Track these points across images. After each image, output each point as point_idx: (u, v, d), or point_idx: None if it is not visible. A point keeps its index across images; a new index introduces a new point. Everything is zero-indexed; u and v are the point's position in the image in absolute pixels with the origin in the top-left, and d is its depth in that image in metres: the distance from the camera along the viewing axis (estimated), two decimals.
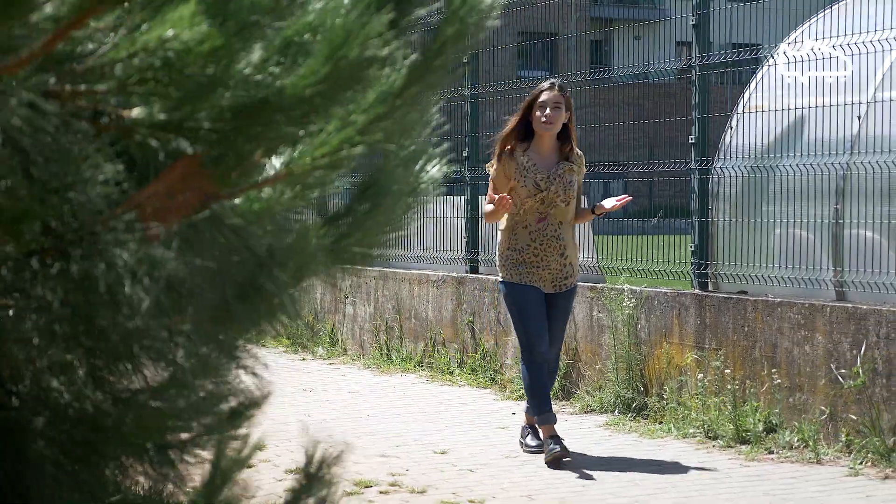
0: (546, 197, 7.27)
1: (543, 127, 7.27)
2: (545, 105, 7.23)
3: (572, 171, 7.35)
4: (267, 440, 6.99)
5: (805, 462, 7.19)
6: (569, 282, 7.39)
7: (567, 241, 7.35)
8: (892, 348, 7.06)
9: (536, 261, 7.29)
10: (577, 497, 6.49)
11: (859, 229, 7.70)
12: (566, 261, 7.33)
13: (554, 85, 7.29)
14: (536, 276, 7.30)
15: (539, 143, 7.36)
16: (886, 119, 7.62)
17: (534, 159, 7.33)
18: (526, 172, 7.28)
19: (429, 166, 2.68)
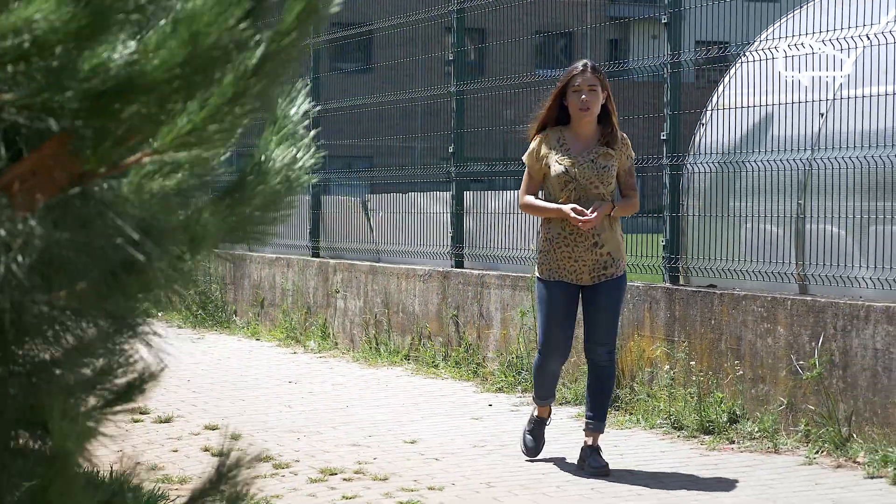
0: (575, 184, 6.86)
1: (582, 114, 6.88)
2: (580, 89, 6.86)
3: (609, 156, 6.91)
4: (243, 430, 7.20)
5: (764, 451, 7.35)
6: (609, 272, 6.87)
7: (602, 229, 6.85)
8: (848, 340, 7.21)
9: (568, 252, 6.85)
10: (535, 484, 6.66)
11: (821, 224, 7.85)
12: (602, 251, 6.84)
13: (587, 66, 6.89)
14: (569, 268, 6.87)
15: (577, 128, 6.96)
16: (849, 116, 7.75)
17: (569, 143, 6.94)
18: (557, 158, 6.90)
19: (301, 150, 2.86)
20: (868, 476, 6.68)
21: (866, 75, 7.75)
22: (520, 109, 10.28)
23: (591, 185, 6.86)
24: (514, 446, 7.63)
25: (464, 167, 11.14)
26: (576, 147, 6.93)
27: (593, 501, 6.29)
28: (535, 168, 6.98)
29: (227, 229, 2.75)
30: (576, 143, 6.94)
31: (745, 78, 8.58)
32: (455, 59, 11.08)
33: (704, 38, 8.88)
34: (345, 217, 13.26)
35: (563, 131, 6.98)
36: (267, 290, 13.99)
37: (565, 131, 6.98)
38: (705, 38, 8.85)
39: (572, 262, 6.86)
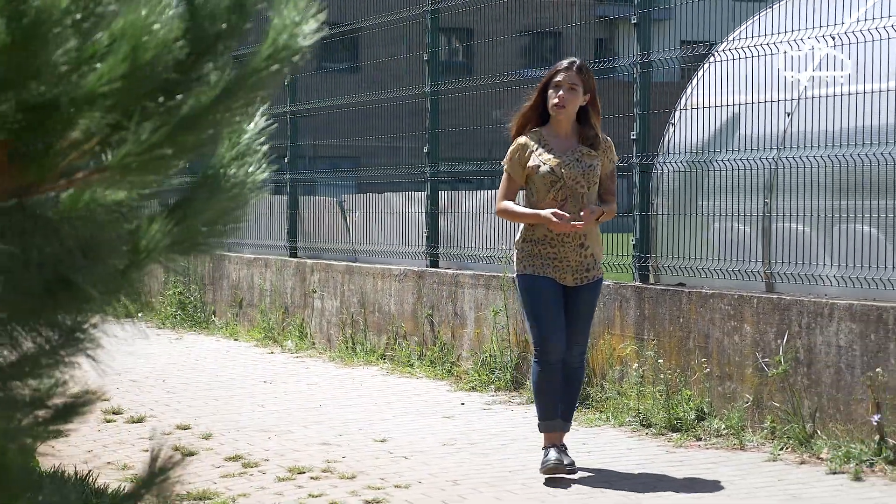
0: (562, 184, 6.73)
1: (554, 110, 6.76)
2: (559, 86, 6.73)
3: (592, 156, 6.79)
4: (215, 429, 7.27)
5: (729, 448, 7.41)
6: (590, 274, 6.81)
7: (588, 231, 6.76)
8: (812, 337, 7.27)
9: (554, 252, 6.73)
10: (501, 481, 6.71)
11: (788, 222, 7.92)
12: (587, 252, 6.77)
13: (573, 65, 6.74)
14: (554, 268, 6.74)
15: (555, 128, 6.84)
16: (814, 115, 7.82)
17: (550, 143, 6.81)
18: (542, 159, 6.76)
19: (254, 166, 2.92)
20: (830, 472, 6.74)
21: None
22: (506, 109, 10.30)
23: (577, 185, 6.73)
24: (483, 444, 7.69)
25: (438, 167, 11.18)
26: (558, 147, 6.79)
27: (557, 499, 6.34)
28: (517, 172, 6.83)
29: (173, 242, 2.79)
30: (557, 143, 6.81)
31: (713, 78, 8.64)
32: (430, 60, 11.13)
33: (691, 37, 8.93)
34: (322, 217, 13.30)
35: (541, 132, 6.85)
36: (245, 290, 14.03)
37: (544, 131, 6.86)
38: (692, 38, 8.90)
39: (556, 263, 6.75)
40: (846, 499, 6.20)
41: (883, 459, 6.74)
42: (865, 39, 7.48)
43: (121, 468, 7.23)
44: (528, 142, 6.84)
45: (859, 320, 7.00)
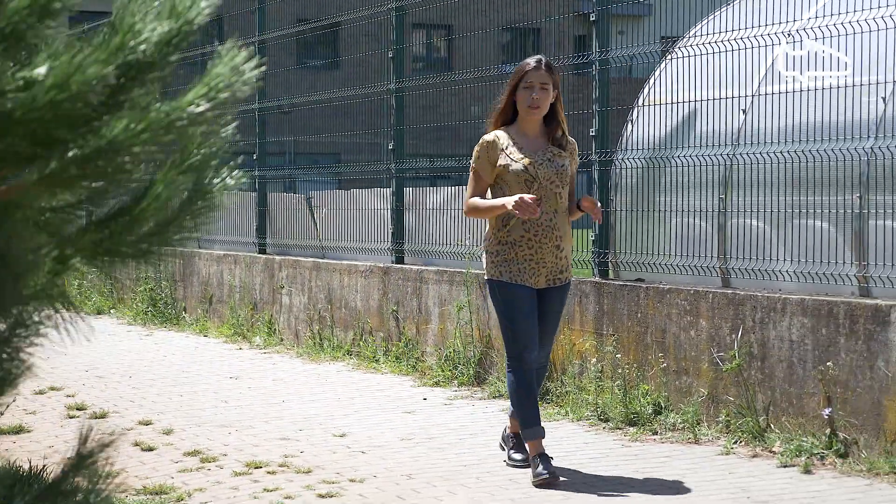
0: (538, 184, 6.62)
1: (530, 111, 6.66)
2: (532, 86, 6.63)
3: (562, 156, 6.71)
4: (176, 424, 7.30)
5: (684, 442, 7.48)
6: (563, 276, 6.72)
7: (563, 231, 6.70)
8: (766, 332, 7.35)
9: (531, 254, 6.61)
10: (455, 475, 6.77)
11: (744, 218, 7.99)
12: (562, 253, 6.67)
13: (541, 62, 6.66)
14: (530, 271, 6.62)
15: (524, 126, 6.73)
16: (769, 112, 7.89)
17: (520, 142, 6.69)
18: (514, 157, 6.64)
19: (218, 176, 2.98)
20: (781, 465, 6.82)
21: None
22: (485, 105, 10.30)
23: (552, 184, 6.64)
24: (441, 439, 7.75)
25: (403, 164, 11.23)
26: (528, 146, 6.69)
27: (509, 491, 6.40)
28: (485, 170, 6.67)
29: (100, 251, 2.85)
30: (526, 142, 6.70)
31: (672, 74, 8.71)
32: (395, 57, 11.18)
33: (670, 32, 8.98)
34: (290, 214, 13.34)
35: (509, 130, 6.74)
36: (215, 286, 14.06)
37: (511, 130, 6.75)
38: (673, 33, 8.95)
39: (532, 265, 6.62)
40: (794, 492, 6.27)
41: (833, 453, 6.82)
42: (818, 36, 7.55)
43: None
44: (497, 139, 6.70)
45: (811, 315, 7.08)
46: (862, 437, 6.76)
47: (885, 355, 6.65)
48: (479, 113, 10.19)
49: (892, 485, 6.33)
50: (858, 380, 6.80)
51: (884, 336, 6.66)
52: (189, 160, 2.86)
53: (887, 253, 7.02)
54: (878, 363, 6.68)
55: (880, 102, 7.19)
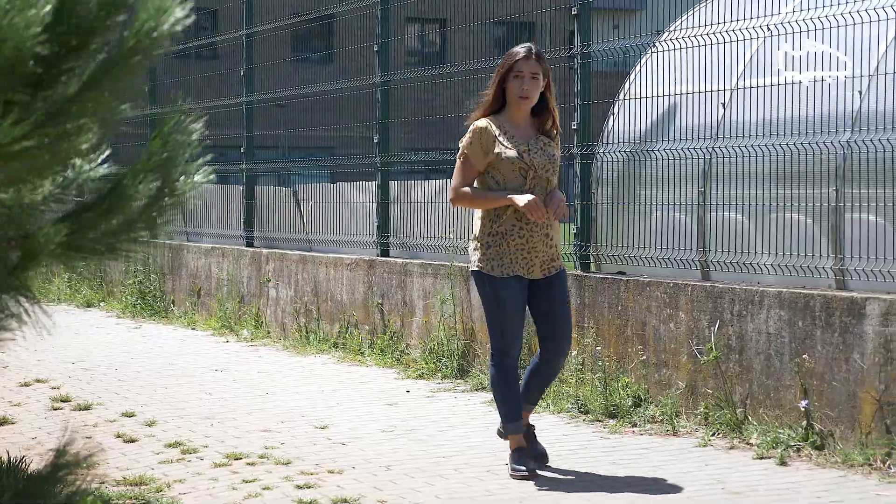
0: (533, 172, 6.54)
1: (521, 102, 6.58)
2: (522, 76, 6.54)
3: (552, 146, 6.66)
4: (159, 416, 7.34)
5: (663, 434, 7.52)
6: (556, 264, 6.64)
7: (552, 221, 6.64)
8: (744, 325, 7.39)
9: (522, 243, 6.52)
10: (434, 467, 6.81)
11: (724, 211, 8.03)
12: (552, 241, 6.60)
13: (531, 51, 6.55)
14: (522, 261, 6.53)
15: (513, 116, 6.65)
16: (748, 105, 7.93)
17: (511, 131, 6.61)
18: (508, 146, 6.55)
19: (187, 173, 3.01)
20: (757, 457, 6.86)
21: (765, 65, 7.93)
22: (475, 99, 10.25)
23: (546, 172, 6.57)
24: (422, 431, 7.79)
25: (389, 157, 11.27)
26: (519, 135, 6.61)
27: (485, 483, 6.44)
28: (478, 157, 6.56)
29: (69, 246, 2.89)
30: (517, 132, 6.62)
31: (654, 68, 8.74)
32: (380, 51, 11.21)
33: (666, 26, 8.99)
34: (277, 207, 13.38)
35: (499, 119, 6.65)
36: (203, 279, 14.10)
37: (501, 119, 6.65)
38: (668, 28, 8.96)
39: (524, 255, 6.53)
40: (768, 483, 6.31)
41: (810, 445, 6.87)
42: (796, 31, 7.59)
43: None
44: (490, 126, 6.61)
45: (787, 307, 7.12)
46: (838, 429, 6.81)
47: (861, 348, 6.69)
48: (473, 106, 10.19)
49: (866, 476, 6.37)
50: (834, 372, 6.84)
51: (859, 329, 6.70)
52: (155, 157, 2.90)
53: (863, 246, 7.06)
54: (854, 356, 6.73)
55: (856, 96, 7.23)
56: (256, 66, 13.68)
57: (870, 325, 6.65)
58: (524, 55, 6.55)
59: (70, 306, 16.21)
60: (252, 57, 13.53)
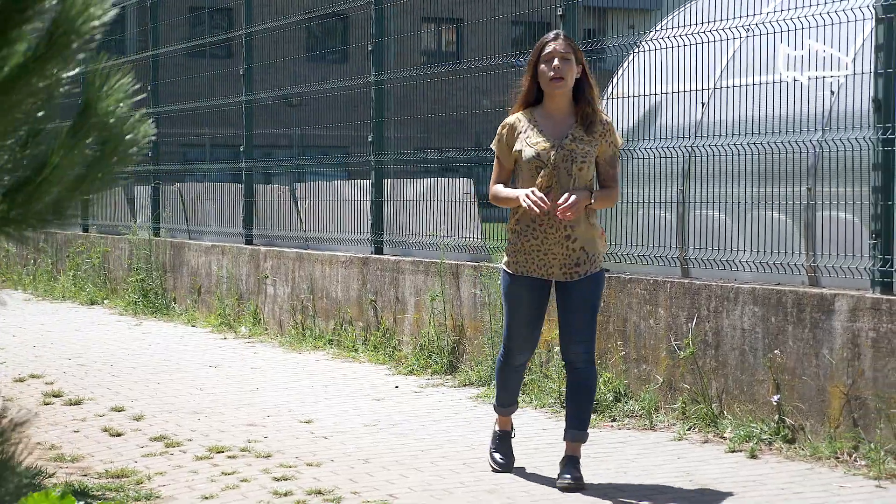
0: (549, 171, 6.17)
1: (553, 84, 6.16)
2: (552, 57, 6.14)
3: (586, 140, 6.19)
4: (148, 411, 7.48)
5: (640, 429, 7.64)
6: (581, 269, 6.20)
7: (577, 222, 6.17)
8: (720, 321, 7.50)
9: (538, 245, 6.19)
10: (411, 460, 6.93)
11: (704, 209, 8.13)
12: (574, 245, 6.16)
13: (559, 34, 6.23)
14: (538, 262, 6.22)
15: (550, 105, 6.26)
16: (727, 105, 8.03)
17: (541, 124, 6.24)
18: (529, 142, 6.21)
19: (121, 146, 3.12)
20: (729, 450, 6.97)
21: (746, 65, 8.03)
22: (494, 96, 10.31)
23: (566, 171, 6.16)
24: (404, 425, 7.91)
25: (383, 156, 11.39)
26: (549, 128, 6.22)
27: (460, 475, 6.56)
28: (504, 155, 6.31)
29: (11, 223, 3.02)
30: (548, 124, 6.24)
31: (637, 68, 8.85)
32: (374, 50, 11.33)
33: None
34: (275, 205, 13.52)
35: (533, 112, 6.29)
36: (204, 277, 14.25)
37: (536, 111, 6.29)
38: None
39: (541, 256, 6.21)
40: (736, 475, 6.42)
41: (781, 438, 6.98)
42: (771, 31, 7.69)
43: (48, 448, 7.44)
44: (518, 122, 6.30)
45: (761, 304, 7.23)
46: (808, 422, 6.91)
47: (830, 343, 6.80)
48: (488, 105, 10.30)
49: (832, 469, 6.48)
50: (805, 367, 6.95)
51: (828, 324, 6.81)
52: (84, 129, 3.01)
53: (834, 243, 7.16)
54: (823, 351, 6.83)
55: (829, 96, 7.33)
56: (270, 65, 13.78)
57: (838, 320, 6.75)
58: (552, 38, 6.22)
59: (74, 303, 16.37)
60: (252, 56, 13.67)
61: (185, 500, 6.18)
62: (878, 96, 6.79)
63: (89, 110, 3.00)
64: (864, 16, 6.95)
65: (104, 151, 3.05)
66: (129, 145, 3.11)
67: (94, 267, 16.99)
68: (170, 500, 6.21)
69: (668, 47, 8.48)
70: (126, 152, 3.12)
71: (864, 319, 6.62)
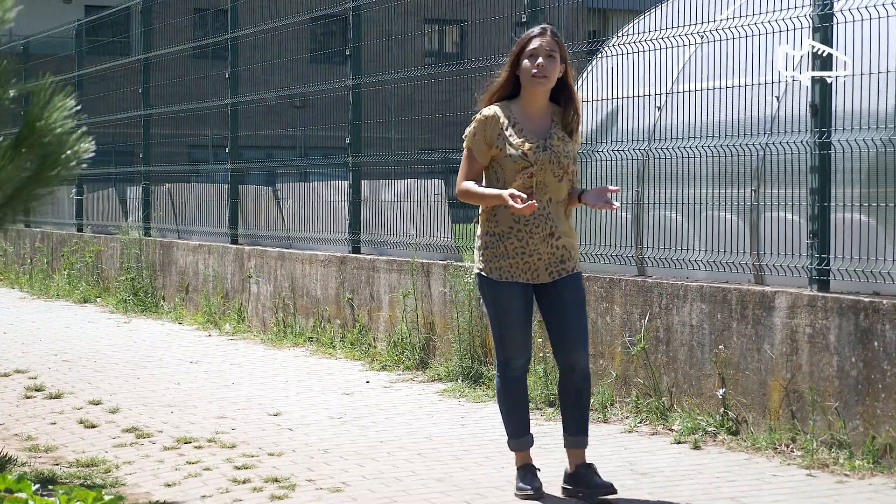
0: (535, 172, 5.91)
1: (534, 81, 5.88)
2: (536, 53, 5.86)
3: (567, 141, 5.99)
4: (124, 404, 7.79)
5: (594, 421, 7.89)
6: (567, 266, 5.99)
7: (559, 220, 5.99)
8: (671, 318, 7.78)
9: (521, 246, 5.93)
10: (369, 450, 7.22)
11: (660, 210, 8.42)
12: (559, 242, 5.97)
13: (546, 30, 5.92)
14: (523, 266, 5.96)
15: (528, 103, 5.98)
16: (682, 109, 8.32)
17: (521, 122, 5.95)
18: (511, 140, 5.92)
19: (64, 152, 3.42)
20: (675, 442, 7.26)
21: (700, 70, 8.30)
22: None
23: (552, 172, 5.94)
24: (369, 418, 8.20)
25: (360, 157, 11.68)
26: (530, 127, 5.95)
27: (413, 465, 6.84)
28: (480, 151, 5.96)
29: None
30: (528, 122, 5.97)
31: (598, 73, 9.13)
32: (351, 54, 11.62)
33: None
34: (259, 206, 13.81)
35: (510, 107, 5.99)
36: (191, 276, 14.55)
37: (513, 107, 6.00)
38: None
39: (526, 258, 5.95)
40: (676, 465, 6.70)
41: (725, 430, 7.26)
42: (723, 38, 7.96)
43: (25, 439, 7.74)
44: (497, 116, 5.97)
45: (708, 301, 7.51)
46: (751, 415, 7.20)
47: (770, 339, 7.08)
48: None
49: (770, 459, 6.76)
50: (748, 362, 7.23)
51: (769, 321, 7.09)
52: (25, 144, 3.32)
53: (777, 242, 7.44)
54: (765, 346, 7.11)
55: (774, 101, 7.61)
56: (271, 65, 13.97)
57: (778, 317, 7.03)
58: (538, 32, 5.93)
59: (68, 302, 16.69)
60: (237, 60, 13.95)
61: (148, 487, 6.48)
62: (814, 101, 7.08)
63: (31, 127, 3.30)
64: (803, 24, 7.23)
65: (44, 165, 3.35)
66: (69, 160, 3.42)
67: (88, 266, 17.30)
68: (134, 487, 6.50)
69: (627, 53, 8.76)
70: (67, 166, 3.43)
71: (801, 316, 6.90)
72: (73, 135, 3.21)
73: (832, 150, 7.02)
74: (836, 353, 6.69)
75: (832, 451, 6.61)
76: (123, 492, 6.38)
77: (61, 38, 20.88)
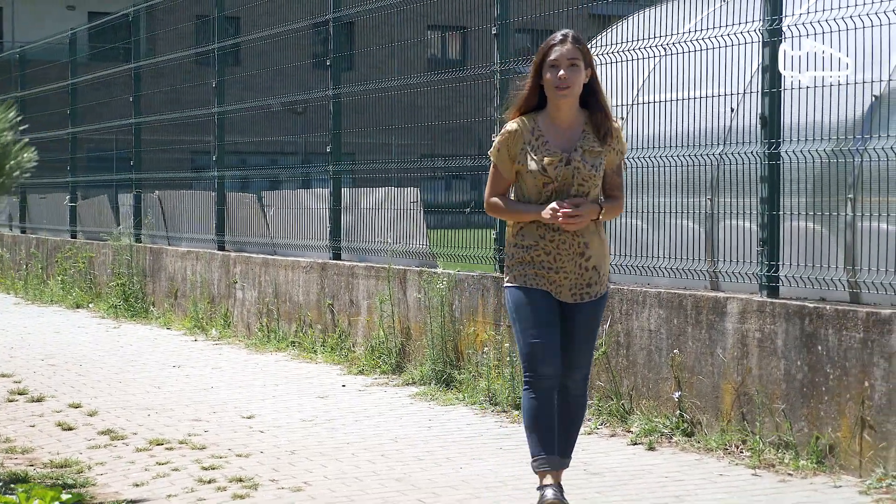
0: (556, 188, 5.67)
1: (558, 94, 5.64)
2: (557, 64, 5.62)
3: (596, 152, 5.71)
4: (103, 407, 8.03)
5: None
6: (593, 290, 5.74)
7: (590, 237, 5.72)
8: (630, 323, 8.00)
9: (549, 262, 5.68)
10: (334, 451, 7.44)
11: (624, 218, 8.63)
12: (588, 263, 5.71)
13: (567, 37, 5.65)
14: (549, 278, 5.70)
15: (555, 114, 5.72)
16: (645, 120, 8.53)
17: (546, 135, 5.71)
18: (534, 153, 5.70)
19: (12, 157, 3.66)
20: (631, 443, 7.48)
21: (661, 82, 8.53)
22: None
23: (574, 187, 5.69)
24: (339, 420, 8.42)
25: (341, 166, 11.92)
26: (555, 139, 5.71)
27: (375, 465, 7.06)
28: (505, 166, 5.74)
29: None
30: (554, 134, 5.72)
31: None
32: (332, 64, 11.86)
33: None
34: (245, 213, 14.05)
35: (536, 119, 5.76)
36: (180, 281, 14.78)
37: (539, 119, 5.76)
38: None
39: (552, 274, 5.70)
40: (629, 466, 6.92)
41: (680, 432, 7.48)
42: (686, 50, 8.18)
43: (3, 441, 7.97)
44: (521, 129, 5.75)
45: (665, 306, 7.73)
46: (704, 417, 7.42)
47: (723, 343, 7.30)
48: (492, 113, 10.65)
49: (719, 459, 6.98)
50: (702, 365, 7.45)
51: (721, 326, 7.31)
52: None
53: (732, 250, 7.67)
54: (718, 350, 7.34)
55: (729, 112, 7.84)
56: (279, 70, 14.14)
57: (730, 322, 7.25)
58: (559, 40, 5.66)
59: (61, 307, 16.93)
60: (224, 70, 14.20)
61: (117, 487, 6.70)
62: (764, 113, 7.30)
63: None
64: (753, 39, 7.45)
65: None
66: (12, 171, 3.66)
67: (81, 272, 17.55)
68: (104, 487, 6.72)
69: (598, 64, 8.95)
70: (11, 176, 3.67)
71: (751, 321, 7.13)
72: (16, 146, 3.47)
73: (781, 160, 7.25)
74: (783, 356, 6.92)
75: (779, 452, 6.84)
76: (93, 491, 6.60)
77: (62, 44, 21.13)
